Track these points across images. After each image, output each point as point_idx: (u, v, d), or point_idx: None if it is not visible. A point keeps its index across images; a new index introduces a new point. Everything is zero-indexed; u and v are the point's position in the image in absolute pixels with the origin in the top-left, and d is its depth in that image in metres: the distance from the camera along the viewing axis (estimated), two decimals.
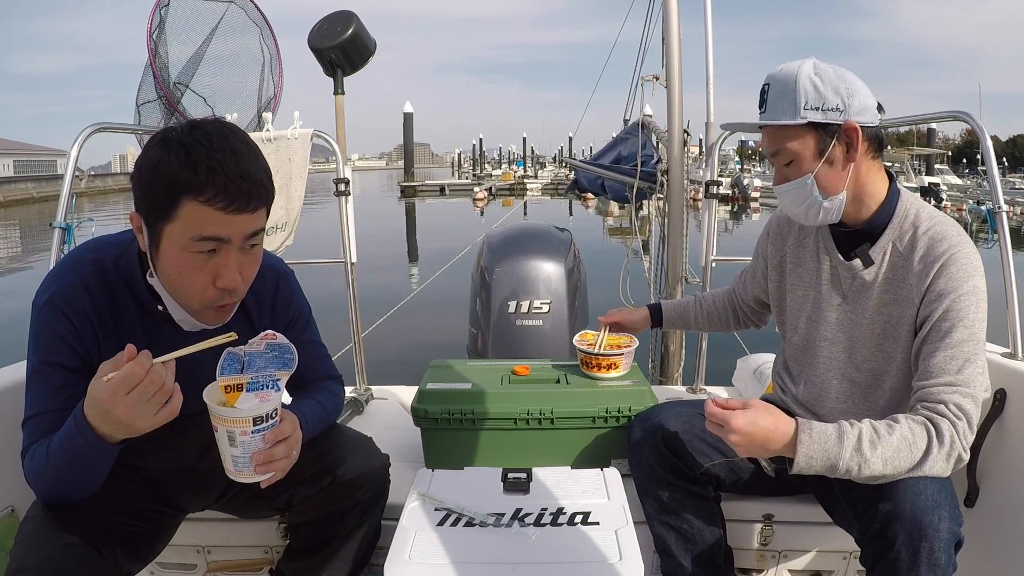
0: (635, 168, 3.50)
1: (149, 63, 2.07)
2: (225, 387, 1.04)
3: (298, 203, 2.37)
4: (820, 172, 1.30)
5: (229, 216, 1.04)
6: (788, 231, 1.54)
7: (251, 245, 1.12)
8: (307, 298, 1.44)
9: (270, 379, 1.06)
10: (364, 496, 1.35)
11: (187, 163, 1.00)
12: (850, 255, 1.39)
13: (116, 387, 0.95)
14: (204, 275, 1.09)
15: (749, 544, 1.65)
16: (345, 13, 2.59)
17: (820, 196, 1.32)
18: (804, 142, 1.29)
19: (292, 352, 1.07)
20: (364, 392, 2.38)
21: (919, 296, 1.28)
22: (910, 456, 1.13)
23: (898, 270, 1.32)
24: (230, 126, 1.09)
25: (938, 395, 1.18)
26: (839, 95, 1.26)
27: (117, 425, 0.98)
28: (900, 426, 1.15)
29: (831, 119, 1.26)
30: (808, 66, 1.27)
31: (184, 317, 1.17)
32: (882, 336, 1.35)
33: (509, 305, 2.62)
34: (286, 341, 1.08)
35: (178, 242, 1.05)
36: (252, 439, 1.05)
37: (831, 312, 1.43)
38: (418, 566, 1.17)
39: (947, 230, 1.29)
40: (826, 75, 1.26)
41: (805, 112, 1.26)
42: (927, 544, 1.11)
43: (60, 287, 1.13)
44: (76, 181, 1.82)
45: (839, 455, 1.14)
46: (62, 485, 1.09)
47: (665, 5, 3.13)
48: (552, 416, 1.66)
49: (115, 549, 1.12)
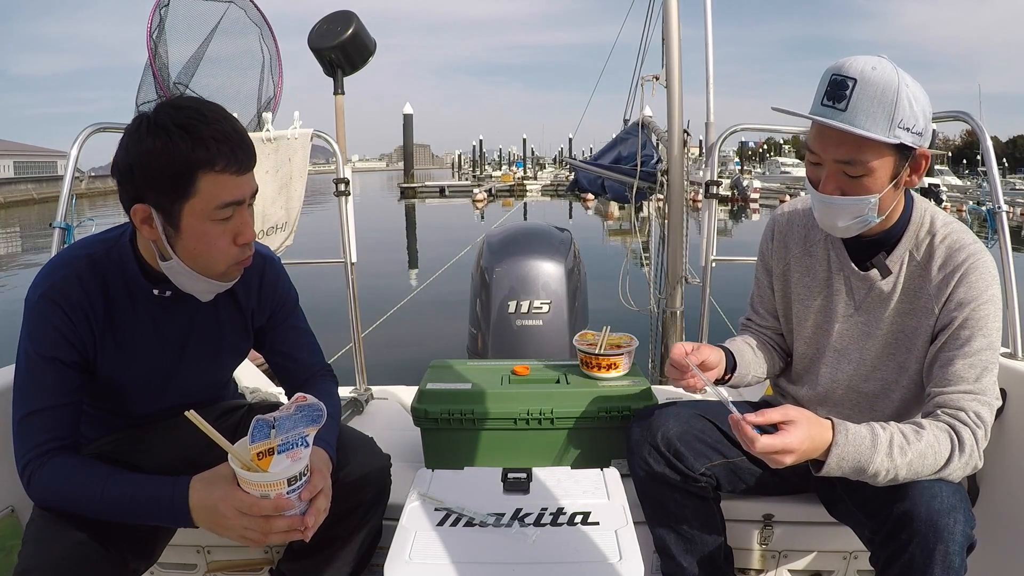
0: (635, 168, 3.49)
1: (149, 63, 2.07)
2: (258, 454, 1.02)
3: (298, 203, 2.37)
4: (887, 194, 1.23)
5: (239, 178, 1.12)
6: (791, 238, 1.50)
7: (251, 202, 1.19)
8: (308, 299, 1.45)
9: (299, 436, 1.04)
10: (366, 497, 1.35)
11: (196, 142, 1.05)
12: (865, 265, 1.36)
13: (248, 514, 1.02)
14: (227, 238, 1.15)
15: (749, 544, 1.65)
16: (345, 13, 2.59)
17: (876, 217, 1.25)
18: (885, 162, 1.19)
19: (321, 409, 1.06)
20: (364, 392, 2.37)
21: (938, 305, 1.26)
22: (933, 463, 1.14)
23: (915, 280, 1.30)
24: (199, 99, 1.18)
25: (958, 402, 1.18)
26: (925, 119, 1.18)
27: (212, 526, 1.05)
28: (926, 432, 1.15)
29: (914, 143, 1.19)
30: (906, 77, 1.17)
31: (204, 287, 1.21)
32: (895, 346, 1.34)
33: (509, 305, 2.62)
34: (316, 401, 1.07)
35: (202, 214, 1.10)
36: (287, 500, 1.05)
37: (841, 323, 1.40)
38: (418, 566, 1.17)
39: (964, 238, 1.28)
40: (917, 94, 1.18)
41: (898, 132, 1.16)
42: (942, 547, 1.10)
43: (54, 281, 1.14)
44: (76, 182, 1.82)
45: (870, 460, 1.13)
46: (89, 514, 1.09)
47: (665, 5, 3.14)
48: (552, 416, 1.66)
49: (122, 547, 1.13)
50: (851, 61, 1.18)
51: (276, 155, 2.25)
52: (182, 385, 1.32)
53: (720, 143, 2.42)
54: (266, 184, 2.22)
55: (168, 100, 1.14)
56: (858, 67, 1.17)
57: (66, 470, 1.09)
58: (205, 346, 1.32)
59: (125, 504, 1.07)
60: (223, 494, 1.02)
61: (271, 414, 1.03)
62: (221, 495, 1.02)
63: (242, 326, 1.36)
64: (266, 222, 2.25)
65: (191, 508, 1.05)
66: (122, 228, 1.22)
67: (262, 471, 1.01)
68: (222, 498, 1.02)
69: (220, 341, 1.34)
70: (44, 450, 1.10)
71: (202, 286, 1.20)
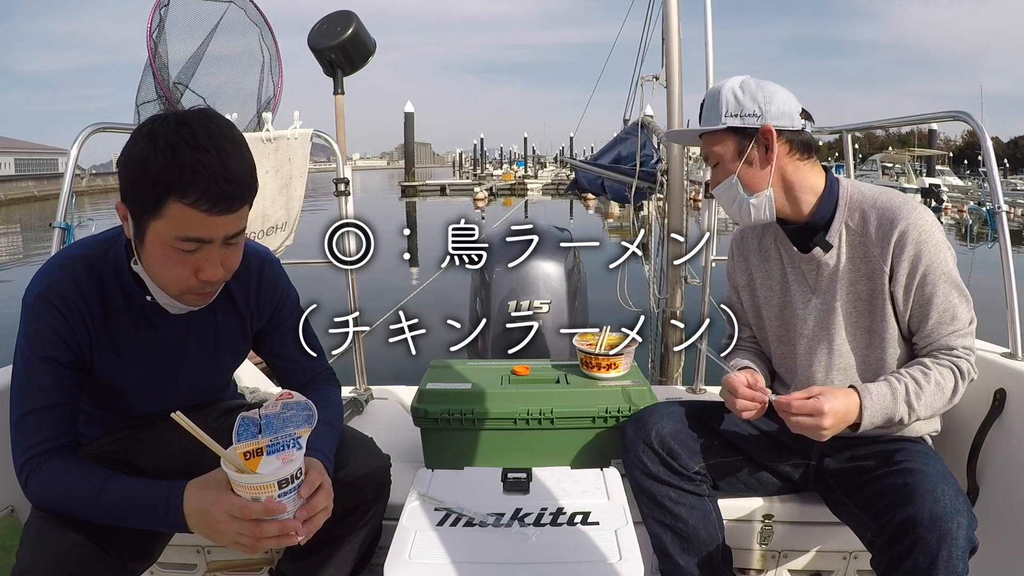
0: (635, 168, 3.49)
1: (149, 62, 2.07)
2: (244, 453, 0.99)
3: (298, 203, 2.37)
4: (741, 172, 1.42)
5: (212, 218, 1.05)
6: (748, 250, 1.60)
7: (233, 242, 1.13)
8: (307, 298, 1.44)
9: (290, 438, 1.02)
10: (366, 497, 1.35)
11: (173, 163, 1.01)
12: (806, 247, 1.45)
13: (239, 518, 1.00)
14: (186, 269, 1.10)
15: (749, 544, 1.65)
16: (345, 13, 2.58)
17: (746, 194, 1.42)
18: (725, 145, 1.42)
19: (311, 408, 1.04)
20: (364, 392, 2.37)
21: (887, 263, 1.36)
22: (943, 397, 1.33)
23: (857, 247, 1.40)
24: (217, 121, 1.08)
25: (948, 342, 1.35)
26: (756, 102, 1.38)
27: (206, 531, 1.04)
28: (932, 372, 1.33)
29: (748, 123, 1.38)
30: (734, 81, 1.41)
31: (169, 302, 1.19)
32: (856, 315, 1.42)
33: (509, 305, 2.61)
34: (303, 399, 1.05)
35: (162, 239, 1.06)
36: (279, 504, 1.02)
37: (803, 309, 1.47)
38: (418, 566, 1.17)
39: (892, 197, 1.39)
40: (747, 87, 1.40)
41: (726, 119, 1.39)
42: (945, 552, 1.10)
43: (51, 282, 1.14)
44: (77, 180, 1.82)
45: (895, 409, 1.30)
46: (85, 516, 1.09)
47: (665, 5, 3.13)
48: (552, 416, 1.66)
49: (120, 548, 1.12)
50: None
51: (276, 155, 2.25)
52: (181, 387, 1.32)
53: None
54: (266, 184, 2.22)
55: (182, 112, 1.08)
56: (709, 89, 1.46)
57: (62, 472, 1.09)
58: (203, 349, 1.31)
59: (121, 507, 1.07)
60: (216, 498, 1.01)
61: (256, 411, 1.01)
62: (214, 499, 1.01)
63: (240, 329, 1.36)
64: (266, 222, 2.26)
65: (186, 514, 1.04)
66: (119, 229, 1.21)
67: (251, 472, 0.99)
68: (215, 502, 1.01)
69: (218, 344, 1.33)
70: (41, 450, 1.10)
71: (165, 300, 1.19)
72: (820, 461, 1.49)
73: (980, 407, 1.56)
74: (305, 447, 1.04)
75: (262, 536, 1.01)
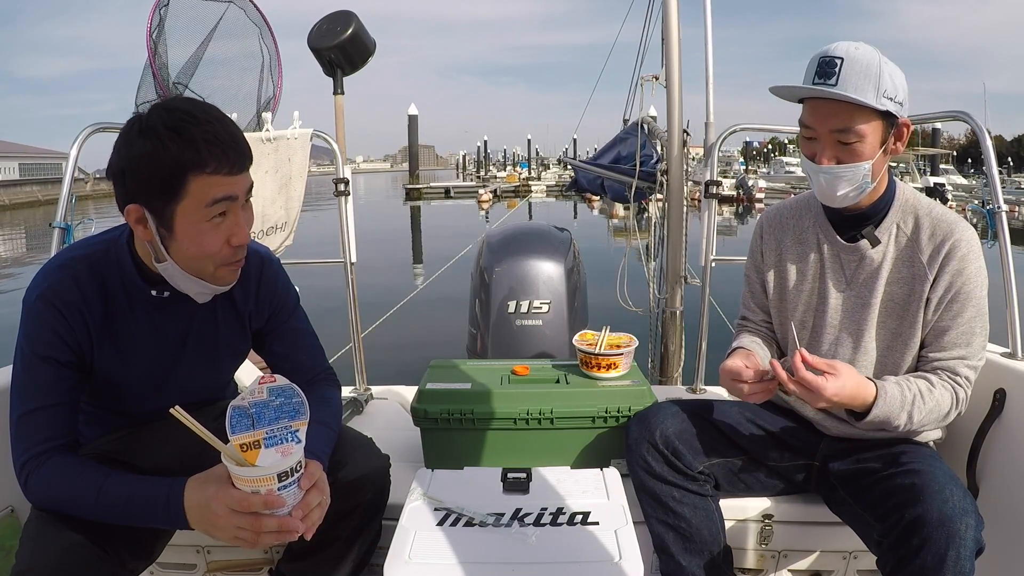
0: (634, 168, 3.49)
1: (149, 62, 2.08)
2: (241, 445, 0.99)
3: (297, 203, 2.37)
4: (877, 160, 1.33)
5: (232, 178, 1.11)
6: (784, 232, 1.55)
7: (247, 201, 1.19)
8: (308, 298, 1.44)
9: (287, 431, 1.02)
10: (365, 497, 1.35)
11: (184, 144, 1.05)
12: (854, 237, 1.43)
13: (239, 511, 1.01)
14: (220, 237, 1.14)
15: (749, 544, 1.65)
16: (345, 13, 2.59)
17: (870, 183, 1.35)
18: (874, 128, 1.31)
19: (299, 395, 1.04)
20: (364, 392, 2.37)
21: (932, 273, 1.35)
22: (937, 416, 1.33)
23: (904, 249, 1.39)
24: (196, 100, 1.15)
25: (955, 367, 1.35)
26: (903, 91, 1.31)
27: (206, 526, 1.04)
28: (936, 390, 1.33)
29: (897, 112, 1.31)
30: (878, 53, 1.29)
31: (200, 289, 1.21)
32: (886, 315, 1.41)
33: (509, 305, 2.61)
34: (287, 382, 1.05)
35: (194, 214, 1.10)
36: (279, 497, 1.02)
37: (835, 299, 1.46)
38: (418, 566, 1.17)
39: (947, 212, 1.39)
40: (895, 69, 1.30)
41: (884, 100, 1.28)
42: (953, 552, 1.10)
43: (51, 283, 1.15)
44: (80, 183, 1.83)
45: (898, 415, 1.30)
46: (85, 514, 1.09)
47: (665, 5, 3.13)
48: (552, 416, 1.66)
49: (120, 547, 1.13)
50: (835, 45, 1.31)
51: (276, 155, 2.25)
52: (180, 385, 1.32)
53: (720, 143, 2.42)
54: (266, 184, 2.22)
55: (160, 102, 1.13)
56: (842, 48, 1.30)
57: (63, 471, 1.10)
58: (202, 347, 1.32)
59: (121, 505, 1.07)
60: (216, 492, 1.01)
61: (244, 400, 1.01)
62: (214, 493, 1.01)
63: (239, 327, 1.36)
64: (266, 222, 2.26)
65: (186, 509, 1.04)
66: (120, 228, 1.22)
67: (251, 465, 0.99)
68: (214, 496, 1.01)
69: (217, 342, 1.34)
70: (41, 450, 1.11)
71: (197, 288, 1.20)
72: (824, 463, 1.49)
73: (980, 407, 1.56)
74: (304, 440, 1.03)
75: (262, 530, 1.01)
